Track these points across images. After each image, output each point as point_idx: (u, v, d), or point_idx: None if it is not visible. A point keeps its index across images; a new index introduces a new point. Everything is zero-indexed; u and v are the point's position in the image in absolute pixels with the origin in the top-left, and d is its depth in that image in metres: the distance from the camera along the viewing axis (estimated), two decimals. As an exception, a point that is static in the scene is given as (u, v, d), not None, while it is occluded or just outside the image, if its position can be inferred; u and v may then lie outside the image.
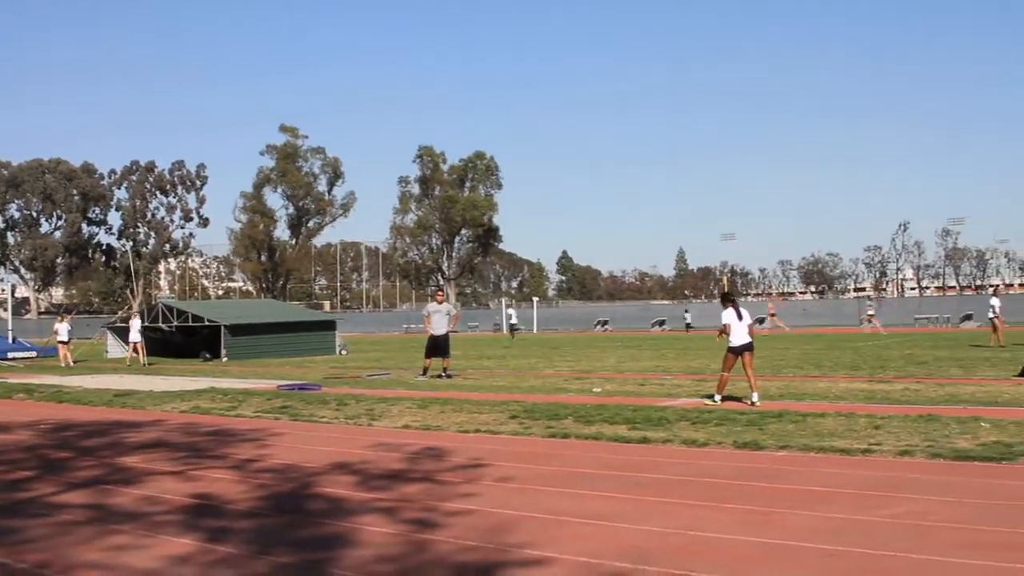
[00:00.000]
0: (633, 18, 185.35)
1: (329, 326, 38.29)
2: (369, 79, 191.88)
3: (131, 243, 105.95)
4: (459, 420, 12.33)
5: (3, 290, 65.66)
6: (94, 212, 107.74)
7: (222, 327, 32.67)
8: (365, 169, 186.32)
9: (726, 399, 13.61)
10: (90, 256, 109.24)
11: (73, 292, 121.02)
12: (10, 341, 39.00)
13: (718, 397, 13.60)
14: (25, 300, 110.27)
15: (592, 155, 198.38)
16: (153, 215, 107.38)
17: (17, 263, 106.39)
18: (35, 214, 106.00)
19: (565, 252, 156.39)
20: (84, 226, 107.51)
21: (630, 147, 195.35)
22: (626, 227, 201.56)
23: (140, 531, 6.48)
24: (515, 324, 52.80)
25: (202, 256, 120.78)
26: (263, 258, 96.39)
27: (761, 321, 43.72)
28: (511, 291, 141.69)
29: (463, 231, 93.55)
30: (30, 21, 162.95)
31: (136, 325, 31.57)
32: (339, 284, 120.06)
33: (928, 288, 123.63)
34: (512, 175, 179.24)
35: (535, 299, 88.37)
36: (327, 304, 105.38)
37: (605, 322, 69.40)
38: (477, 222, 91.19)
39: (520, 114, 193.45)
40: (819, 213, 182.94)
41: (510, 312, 58.29)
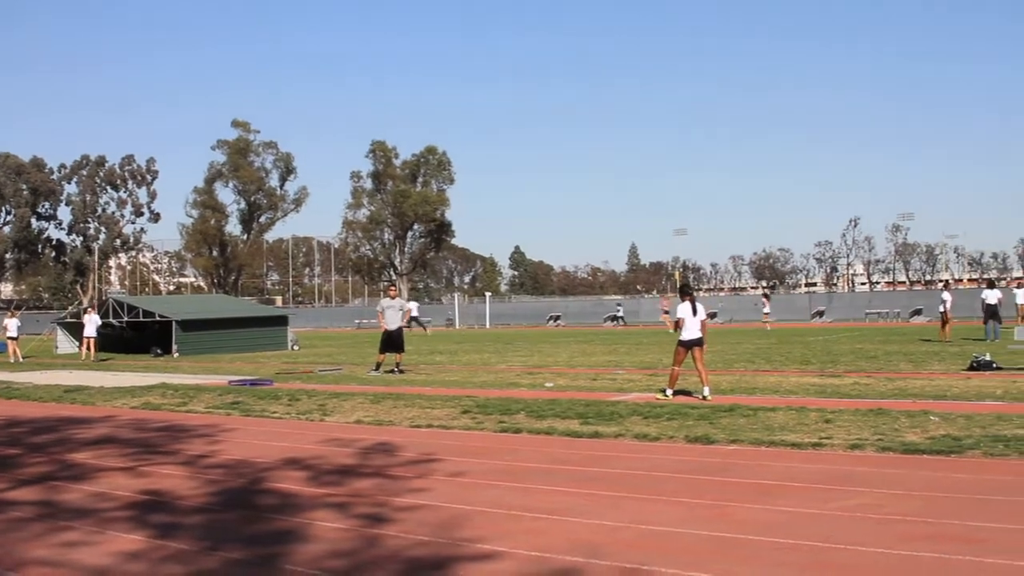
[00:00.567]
0: (584, 9, 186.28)
1: (281, 321, 38.00)
2: (322, 73, 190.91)
3: (81, 238, 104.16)
4: (411, 415, 12.33)
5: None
6: (43, 207, 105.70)
7: (173, 323, 32.29)
8: (318, 164, 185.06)
9: (678, 393, 13.71)
10: (40, 251, 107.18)
11: (23, 288, 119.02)
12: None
13: (670, 391, 13.69)
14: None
15: (544, 150, 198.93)
16: (103, 210, 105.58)
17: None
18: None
19: (518, 247, 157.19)
20: (33, 221, 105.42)
21: (582, 143, 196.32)
22: (579, 222, 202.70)
23: (90, 527, 6.42)
24: (417, 317, 52.48)
25: (153, 251, 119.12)
26: (215, 253, 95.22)
27: (714, 315, 43.89)
28: (464, 286, 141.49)
29: (415, 226, 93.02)
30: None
31: (94, 320, 31.24)
32: (291, 279, 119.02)
33: (879, 283, 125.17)
34: (465, 170, 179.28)
35: (488, 294, 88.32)
36: (279, 299, 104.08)
37: (558, 317, 69.70)
38: (429, 217, 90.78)
39: (473, 109, 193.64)
40: (770, 209, 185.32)
41: (410, 306, 58.11)
